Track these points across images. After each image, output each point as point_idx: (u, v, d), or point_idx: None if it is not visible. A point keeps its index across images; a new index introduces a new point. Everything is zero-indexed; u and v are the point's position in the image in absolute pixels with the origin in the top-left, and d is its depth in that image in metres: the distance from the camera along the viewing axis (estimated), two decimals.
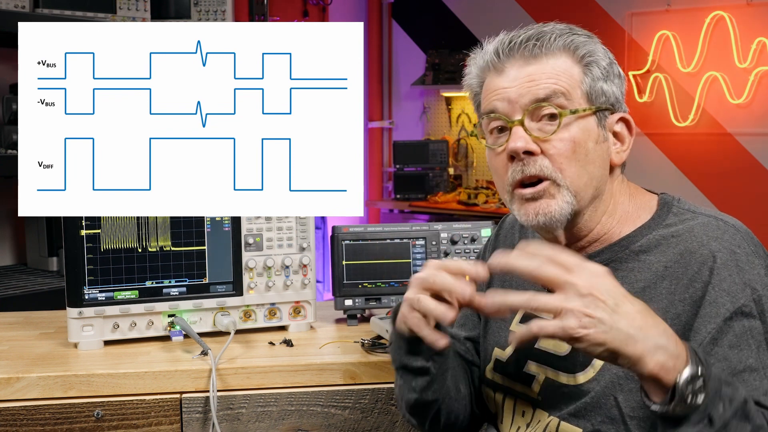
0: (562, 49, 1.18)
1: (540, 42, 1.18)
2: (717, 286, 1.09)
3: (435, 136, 5.72)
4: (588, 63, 1.19)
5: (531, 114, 1.17)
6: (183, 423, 1.51)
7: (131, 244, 1.65)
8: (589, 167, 1.18)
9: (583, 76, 1.18)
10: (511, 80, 1.18)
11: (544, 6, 4.97)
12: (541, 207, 1.17)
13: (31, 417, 1.46)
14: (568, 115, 1.16)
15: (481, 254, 1.51)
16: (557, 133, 1.16)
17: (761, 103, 4.31)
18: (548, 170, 1.16)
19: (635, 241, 1.20)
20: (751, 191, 4.37)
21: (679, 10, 4.51)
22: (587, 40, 1.20)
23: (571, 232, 1.23)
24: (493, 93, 1.20)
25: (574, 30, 1.21)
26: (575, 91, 1.17)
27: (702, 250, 1.13)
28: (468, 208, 5.06)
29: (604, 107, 1.20)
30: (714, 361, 1.06)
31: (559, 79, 1.17)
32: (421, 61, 5.73)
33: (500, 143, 1.20)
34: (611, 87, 1.20)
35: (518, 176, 1.18)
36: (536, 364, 1.26)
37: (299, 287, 1.76)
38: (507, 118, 1.18)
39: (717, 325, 1.07)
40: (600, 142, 1.19)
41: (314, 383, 1.55)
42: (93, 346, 1.63)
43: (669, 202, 1.23)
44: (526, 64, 1.18)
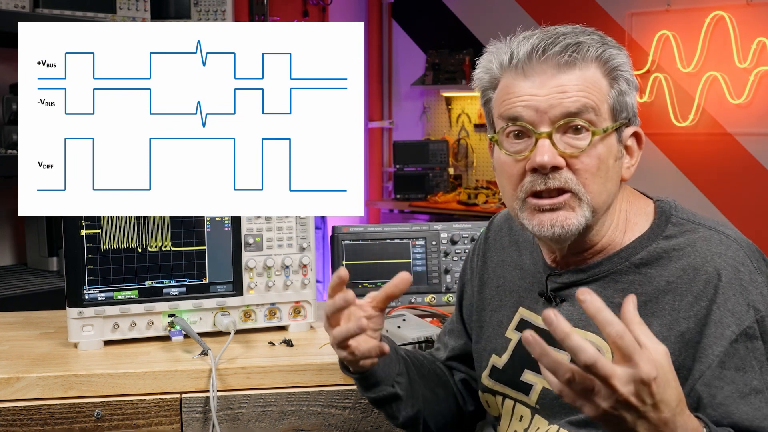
0: (595, 60, 1.14)
1: (577, 52, 1.12)
2: (722, 306, 1.08)
3: (435, 136, 5.72)
4: (616, 76, 1.15)
5: (559, 127, 1.12)
6: (183, 423, 1.51)
7: (131, 244, 1.65)
8: (608, 184, 1.15)
9: (610, 90, 1.14)
10: (539, 87, 1.13)
11: (544, 6, 4.97)
12: (559, 218, 1.13)
13: (31, 417, 1.46)
14: (601, 134, 1.12)
15: (469, 256, 1.47)
16: (586, 150, 1.12)
17: (761, 103, 4.31)
18: (572, 183, 1.12)
19: (635, 253, 1.17)
20: (751, 191, 4.37)
21: (679, 10, 4.51)
22: (618, 53, 1.16)
23: (576, 245, 1.20)
24: (518, 98, 1.14)
25: (606, 40, 1.17)
26: (603, 106, 1.13)
27: (706, 266, 1.11)
28: (468, 208, 5.06)
29: (624, 122, 1.17)
30: (723, 384, 1.06)
31: (589, 93, 1.12)
32: (421, 61, 5.72)
33: (519, 150, 1.15)
34: (632, 99, 1.17)
35: (539, 187, 1.13)
36: (533, 373, 1.24)
37: (299, 287, 1.76)
38: (533, 128, 1.13)
39: (724, 348, 1.07)
40: (618, 158, 1.17)
41: (314, 383, 1.55)
42: (93, 346, 1.63)
43: (666, 210, 1.21)
44: (558, 73, 1.12)
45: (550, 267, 1.25)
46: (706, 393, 1.06)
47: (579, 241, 1.19)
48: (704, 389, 1.07)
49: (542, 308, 1.25)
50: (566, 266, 1.23)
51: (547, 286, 1.25)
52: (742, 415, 1.05)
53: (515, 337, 1.29)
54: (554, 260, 1.25)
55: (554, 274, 1.24)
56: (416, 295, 1.82)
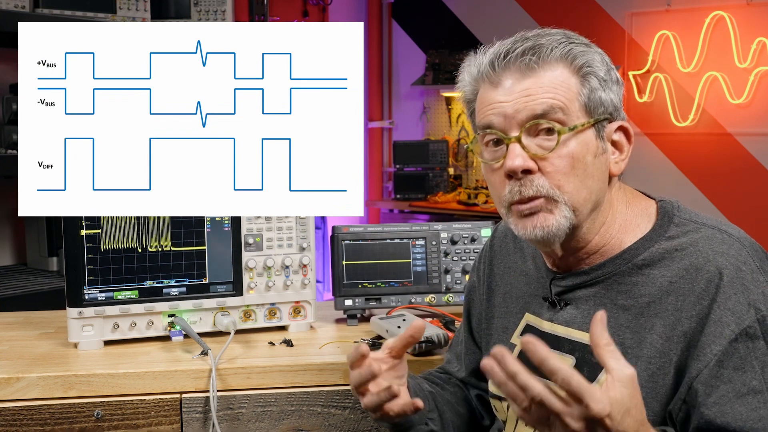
0: (559, 60, 1.14)
1: (537, 55, 1.13)
2: (722, 305, 1.08)
3: (435, 136, 5.72)
4: (586, 74, 1.15)
5: (528, 130, 1.14)
6: (183, 423, 1.51)
7: (131, 244, 1.65)
8: (588, 181, 1.15)
9: (581, 87, 1.14)
10: (507, 94, 1.15)
11: (544, 6, 4.97)
12: (539, 221, 1.14)
13: (31, 417, 1.46)
14: (567, 133, 1.13)
15: (476, 265, 1.47)
16: (555, 150, 1.13)
17: (761, 103, 4.31)
18: (545, 189, 1.13)
19: (638, 254, 1.17)
20: (751, 191, 4.36)
21: (679, 10, 4.51)
22: (585, 50, 1.16)
23: (569, 245, 1.20)
24: (489, 107, 1.17)
25: (572, 38, 1.17)
26: (573, 104, 1.14)
27: (708, 266, 1.11)
28: (468, 208, 5.06)
29: (603, 118, 1.16)
30: (719, 383, 1.06)
31: (556, 93, 1.13)
32: (421, 61, 5.72)
33: (497, 158, 1.17)
34: (609, 95, 1.16)
35: (516, 197, 1.15)
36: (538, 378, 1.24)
37: (299, 287, 1.76)
38: (503, 134, 1.15)
39: (723, 347, 1.06)
40: (599, 154, 1.16)
41: (314, 383, 1.55)
42: (93, 346, 1.63)
43: (669, 210, 1.20)
44: (523, 78, 1.14)
45: (552, 271, 1.26)
46: (702, 391, 1.06)
47: (570, 241, 1.19)
48: (701, 388, 1.07)
49: (547, 312, 1.25)
50: (567, 269, 1.24)
51: (551, 291, 1.24)
52: (736, 415, 1.04)
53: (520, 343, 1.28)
54: (554, 263, 1.25)
55: (557, 278, 1.24)
56: (416, 295, 1.82)
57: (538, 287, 1.29)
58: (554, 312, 1.24)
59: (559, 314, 1.23)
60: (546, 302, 1.26)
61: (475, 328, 1.44)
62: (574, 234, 1.18)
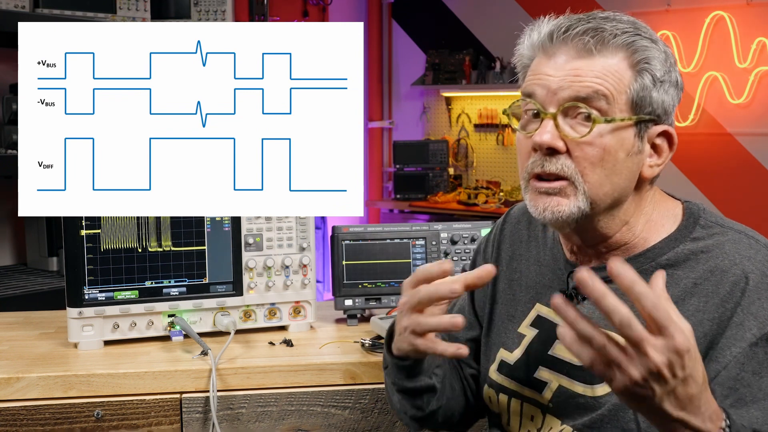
0: (619, 48, 1.11)
1: (597, 38, 1.10)
2: (746, 309, 1.07)
3: (435, 136, 5.72)
4: (642, 69, 1.11)
5: (566, 110, 1.11)
6: (183, 423, 1.51)
7: (131, 244, 1.65)
8: (614, 177, 1.12)
9: (633, 81, 1.11)
10: (557, 69, 1.11)
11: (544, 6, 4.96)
12: (551, 204, 1.12)
13: (31, 417, 1.46)
14: (602, 123, 1.09)
15: (482, 247, 1.44)
16: (587, 137, 1.10)
17: (761, 103, 4.31)
18: (569, 170, 1.11)
19: (662, 253, 1.15)
20: (751, 191, 4.37)
21: (679, 10, 4.51)
22: (649, 45, 1.12)
23: (586, 236, 1.18)
24: (536, 76, 1.14)
25: (640, 29, 1.14)
26: (620, 96, 1.10)
27: (734, 269, 1.09)
28: (468, 208, 5.06)
29: (648, 118, 1.13)
30: (737, 386, 1.05)
31: (605, 80, 1.09)
32: (421, 61, 5.72)
33: (530, 129, 1.14)
34: (662, 96, 1.13)
35: (537, 170, 1.13)
36: (549, 371, 1.22)
37: (299, 287, 1.76)
38: (542, 107, 1.12)
39: (742, 349, 1.05)
40: (633, 154, 1.12)
41: (314, 383, 1.55)
42: (93, 346, 1.63)
43: (695, 212, 1.18)
44: (577, 57, 1.11)
45: (571, 263, 1.23)
46: (718, 392, 1.05)
47: (585, 231, 1.17)
48: (717, 389, 1.05)
49: None
50: (585, 261, 1.22)
51: (568, 284, 1.23)
52: (751, 418, 1.03)
53: (530, 333, 1.27)
54: (572, 250, 1.23)
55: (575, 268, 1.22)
56: None
57: (553, 279, 1.26)
58: None
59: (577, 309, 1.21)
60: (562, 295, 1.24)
61: (479, 310, 1.40)
62: (588, 225, 1.16)
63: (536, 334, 1.26)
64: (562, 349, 1.20)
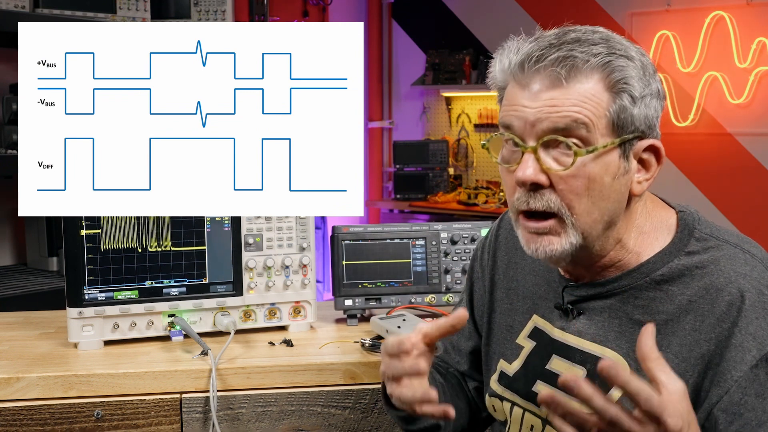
0: (594, 71, 1.07)
1: (569, 67, 1.06)
2: (744, 330, 1.05)
3: (435, 136, 5.72)
4: (620, 90, 1.07)
5: (546, 143, 1.08)
6: (183, 423, 1.51)
7: (131, 244, 1.65)
8: (602, 203, 1.09)
9: (611, 103, 1.07)
10: (532, 99, 1.08)
11: (544, 6, 4.97)
12: (542, 243, 1.11)
13: (31, 417, 1.46)
14: (584, 155, 1.06)
15: (478, 254, 1.43)
16: (570, 170, 1.07)
17: (761, 103, 4.31)
18: (555, 205, 1.08)
19: (656, 269, 1.13)
20: (751, 191, 4.37)
21: (679, 10, 4.51)
22: (625, 64, 1.08)
23: (581, 261, 1.16)
24: (512, 107, 1.10)
25: (613, 47, 1.09)
26: (600, 121, 1.07)
27: (730, 287, 1.07)
28: (468, 208, 5.06)
29: (632, 137, 1.09)
30: (742, 411, 1.03)
31: (583, 107, 1.06)
32: (421, 61, 5.72)
33: (512, 161, 1.12)
34: (644, 111, 1.09)
35: (523, 207, 1.10)
36: (545, 384, 1.21)
37: (299, 287, 1.76)
38: (521, 141, 1.09)
39: (744, 372, 1.04)
40: (619, 175, 1.09)
41: (314, 383, 1.55)
42: (93, 346, 1.63)
43: (690, 223, 1.15)
44: (552, 87, 1.07)
45: (565, 278, 1.22)
46: (722, 419, 1.04)
47: (581, 258, 1.15)
48: (721, 415, 1.04)
49: (558, 319, 1.22)
50: (580, 278, 1.20)
51: (563, 298, 1.21)
52: None
53: (528, 345, 1.26)
54: (566, 271, 1.22)
55: (570, 287, 1.20)
56: (416, 295, 1.82)
57: (548, 291, 1.25)
58: (566, 321, 1.20)
59: (572, 324, 1.19)
60: (557, 309, 1.22)
61: (478, 319, 1.40)
62: (584, 254, 1.14)
63: (534, 347, 1.25)
64: (558, 363, 1.20)
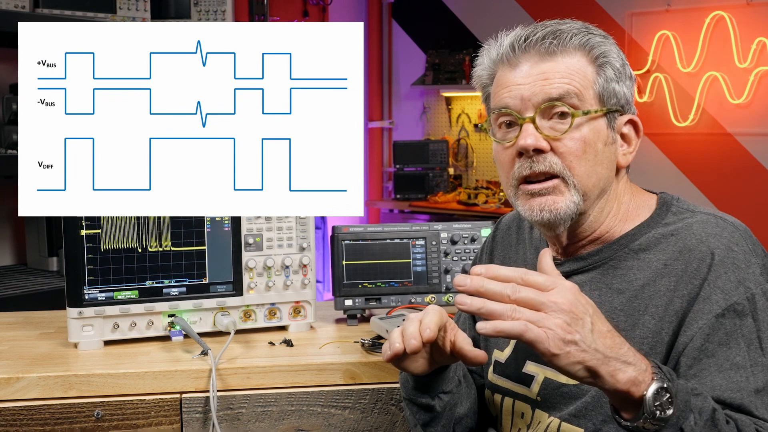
0: (578, 48, 1.18)
1: (557, 40, 1.17)
2: (712, 283, 1.10)
3: (435, 136, 5.72)
4: (602, 64, 1.19)
5: (542, 112, 1.17)
6: (183, 423, 1.51)
7: (131, 244, 1.65)
8: (598, 168, 1.18)
9: (596, 77, 1.18)
10: (525, 76, 1.18)
11: (544, 6, 4.97)
12: (548, 203, 1.17)
13: (31, 417, 1.46)
14: (581, 116, 1.16)
15: (478, 258, 1.51)
16: (569, 132, 1.16)
17: (761, 103, 4.31)
18: (558, 167, 1.16)
19: (634, 239, 1.20)
20: (751, 191, 4.37)
21: (679, 10, 4.51)
22: (603, 41, 1.20)
23: (574, 233, 1.23)
24: (506, 89, 1.20)
25: (591, 29, 1.21)
26: (588, 92, 1.17)
27: (701, 246, 1.13)
28: (468, 208, 5.07)
29: (615, 109, 1.20)
30: (702, 357, 1.07)
31: (572, 79, 1.17)
32: (421, 61, 5.72)
33: (509, 138, 1.20)
34: (623, 88, 1.20)
35: (525, 172, 1.17)
36: (535, 364, 1.26)
37: (299, 287, 1.76)
38: (518, 114, 1.18)
39: (708, 321, 1.08)
40: (609, 143, 1.19)
41: (314, 383, 1.55)
42: (93, 346, 1.63)
43: (668, 201, 1.24)
44: (541, 61, 1.17)
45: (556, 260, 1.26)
46: (683, 364, 1.08)
47: (576, 228, 1.22)
48: (683, 360, 1.08)
49: None
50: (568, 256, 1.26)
51: None
52: (714, 386, 1.05)
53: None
54: (557, 251, 1.28)
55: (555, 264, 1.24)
56: (416, 295, 1.82)
57: None
58: None
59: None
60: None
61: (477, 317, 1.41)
62: (580, 221, 1.21)
63: None
64: None
